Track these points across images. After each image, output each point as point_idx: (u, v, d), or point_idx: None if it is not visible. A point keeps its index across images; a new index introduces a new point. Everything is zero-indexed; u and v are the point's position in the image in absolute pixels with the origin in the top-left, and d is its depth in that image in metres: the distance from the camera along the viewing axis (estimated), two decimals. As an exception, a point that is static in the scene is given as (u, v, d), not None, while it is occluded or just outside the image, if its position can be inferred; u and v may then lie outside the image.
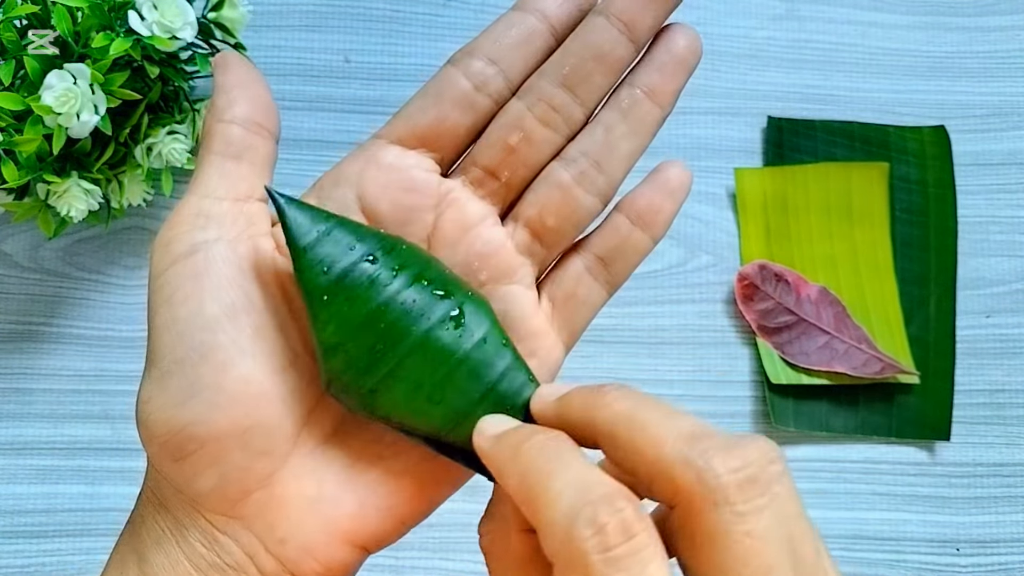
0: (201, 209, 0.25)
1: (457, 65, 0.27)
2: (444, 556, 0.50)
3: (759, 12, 0.57)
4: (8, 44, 0.43)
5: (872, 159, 0.55)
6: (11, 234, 0.52)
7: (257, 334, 0.24)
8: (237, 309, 0.24)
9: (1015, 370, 0.53)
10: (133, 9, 0.44)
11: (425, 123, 0.27)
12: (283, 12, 0.55)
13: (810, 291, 0.53)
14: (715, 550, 0.19)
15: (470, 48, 0.28)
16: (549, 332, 0.28)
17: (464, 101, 0.27)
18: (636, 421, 0.21)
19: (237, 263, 0.25)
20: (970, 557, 0.51)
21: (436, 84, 0.28)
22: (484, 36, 0.28)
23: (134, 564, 0.25)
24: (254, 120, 0.28)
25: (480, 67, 0.27)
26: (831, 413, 0.52)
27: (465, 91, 0.27)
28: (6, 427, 0.50)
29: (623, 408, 0.21)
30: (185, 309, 0.24)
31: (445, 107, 0.27)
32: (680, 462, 0.20)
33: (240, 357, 0.24)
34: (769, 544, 0.19)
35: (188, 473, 0.24)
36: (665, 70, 0.29)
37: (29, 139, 0.42)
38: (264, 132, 0.28)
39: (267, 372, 0.24)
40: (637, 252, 0.30)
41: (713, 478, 0.19)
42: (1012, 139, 0.56)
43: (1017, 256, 0.54)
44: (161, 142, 0.48)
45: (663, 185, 0.29)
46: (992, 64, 0.57)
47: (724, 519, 0.19)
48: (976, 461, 0.52)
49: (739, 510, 0.19)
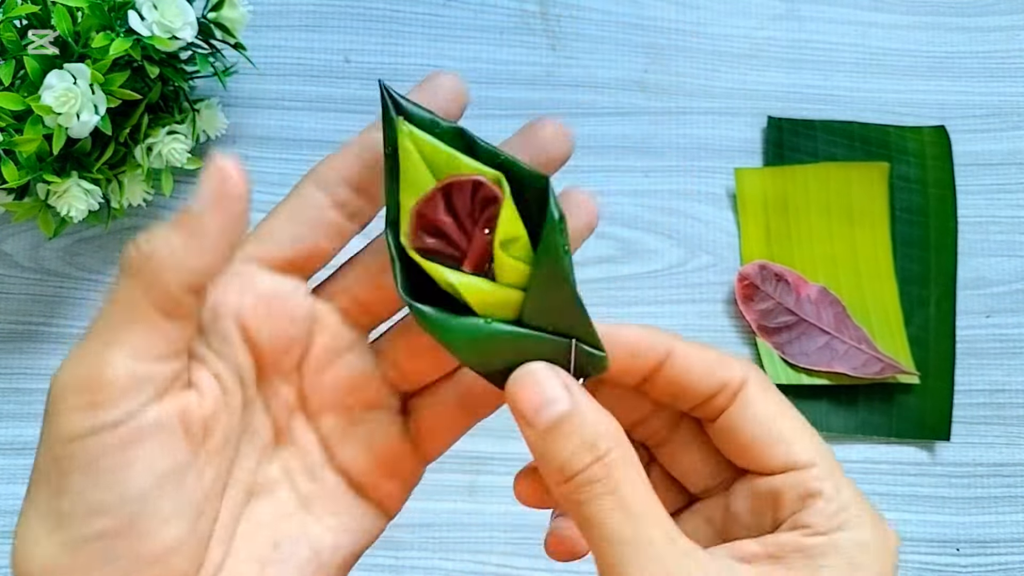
0: (135, 374, 0.22)
1: (318, 185, 0.26)
2: (444, 556, 0.50)
3: (759, 12, 0.57)
4: (8, 44, 0.43)
5: (872, 159, 0.55)
6: (11, 234, 0.52)
7: (178, 493, 0.23)
8: (164, 476, 0.23)
9: (1015, 370, 0.53)
10: (133, 9, 0.44)
11: (296, 248, 0.26)
12: (283, 12, 0.55)
13: (810, 291, 0.53)
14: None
15: (328, 166, 0.26)
16: (413, 457, 0.28)
17: (332, 229, 0.26)
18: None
19: (166, 426, 0.23)
20: (970, 557, 0.51)
21: (302, 205, 0.26)
22: (341, 156, 0.27)
23: None
24: (209, 283, 0.23)
25: (345, 195, 0.26)
26: (831, 413, 0.52)
27: (332, 219, 0.26)
28: (6, 427, 0.50)
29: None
30: (110, 480, 0.22)
31: (315, 234, 0.26)
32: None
33: (163, 524, 0.23)
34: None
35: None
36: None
37: (29, 139, 0.42)
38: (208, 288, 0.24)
39: (184, 530, 0.23)
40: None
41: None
42: (1012, 139, 0.56)
43: (1017, 256, 0.54)
44: (161, 142, 0.48)
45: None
46: (992, 64, 0.57)
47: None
48: (976, 461, 0.52)
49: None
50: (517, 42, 0.56)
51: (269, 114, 0.54)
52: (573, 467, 0.24)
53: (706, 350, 0.27)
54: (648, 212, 0.54)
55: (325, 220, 0.26)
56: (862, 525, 0.25)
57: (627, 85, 0.56)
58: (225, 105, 0.53)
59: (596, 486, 0.23)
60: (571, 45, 0.56)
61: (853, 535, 0.25)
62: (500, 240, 0.24)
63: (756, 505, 0.26)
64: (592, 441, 0.24)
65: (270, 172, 0.54)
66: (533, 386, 0.24)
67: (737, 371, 0.27)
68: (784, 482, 0.26)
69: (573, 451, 0.24)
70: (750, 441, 0.26)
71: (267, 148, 0.54)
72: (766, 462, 0.26)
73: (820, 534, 0.25)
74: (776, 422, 0.26)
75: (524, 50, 0.56)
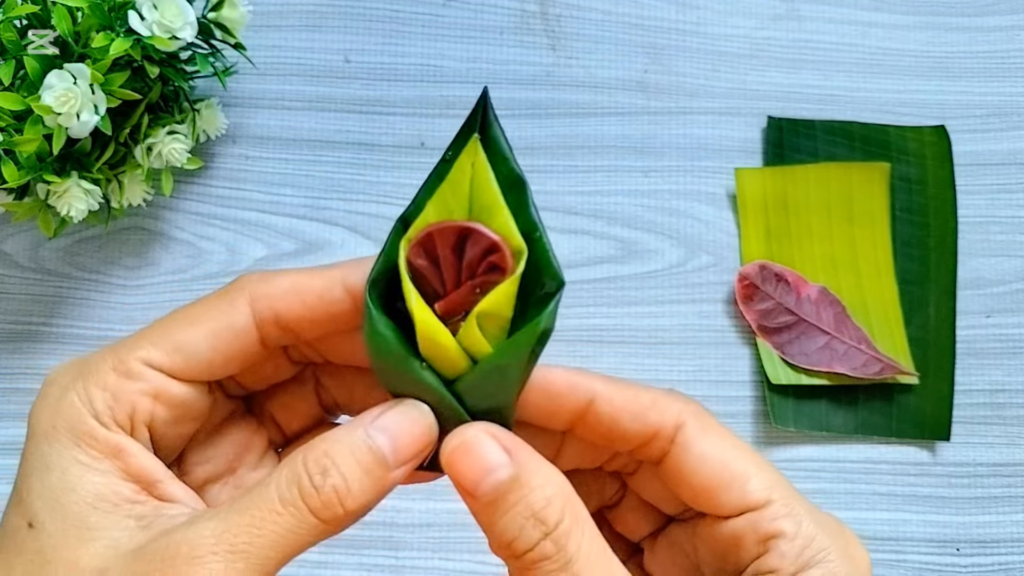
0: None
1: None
2: (444, 556, 0.50)
3: (759, 12, 0.57)
4: (8, 44, 0.43)
5: (872, 159, 0.55)
6: (11, 234, 0.52)
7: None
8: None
9: (1015, 370, 0.53)
10: (133, 9, 0.44)
11: (196, 363, 0.25)
12: (283, 12, 0.55)
13: (810, 291, 0.53)
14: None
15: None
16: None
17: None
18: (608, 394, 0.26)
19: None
20: (970, 557, 0.51)
21: (208, 313, 0.25)
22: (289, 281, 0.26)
23: None
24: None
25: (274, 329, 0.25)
26: (831, 413, 0.52)
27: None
28: (6, 427, 0.50)
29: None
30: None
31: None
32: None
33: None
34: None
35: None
36: None
37: (29, 139, 0.42)
38: None
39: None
40: None
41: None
42: (1012, 139, 0.56)
43: (1017, 256, 0.54)
44: (161, 142, 0.48)
45: None
46: (992, 64, 0.57)
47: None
48: (976, 461, 0.52)
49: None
50: (517, 42, 0.56)
51: (269, 114, 0.54)
52: (522, 545, 0.22)
53: (638, 393, 0.25)
54: (648, 212, 0.54)
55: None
56: (828, 559, 0.24)
57: (627, 85, 0.56)
58: (225, 105, 0.53)
59: (547, 564, 0.22)
60: (571, 45, 0.56)
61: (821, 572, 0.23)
62: (482, 310, 0.23)
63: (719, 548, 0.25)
64: (539, 512, 0.22)
65: (270, 172, 0.54)
66: (472, 455, 0.23)
67: (670, 414, 0.25)
68: (742, 525, 0.24)
69: (521, 526, 0.22)
70: (700, 486, 0.25)
71: (267, 148, 0.54)
72: (720, 506, 0.25)
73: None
74: (723, 462, 0.25)
75: (524, 50, 0.56)
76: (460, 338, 0.24)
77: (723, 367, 0.52)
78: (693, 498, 0.25)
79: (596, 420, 0.25)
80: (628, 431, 0.25)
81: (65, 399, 0.23)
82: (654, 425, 0.25)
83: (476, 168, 0.23)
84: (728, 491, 0.24)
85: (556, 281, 0.23)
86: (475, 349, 0.24)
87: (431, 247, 0.23)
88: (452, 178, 0.23)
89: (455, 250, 0.23)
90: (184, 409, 0.25)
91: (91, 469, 0.23)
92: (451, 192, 0.23)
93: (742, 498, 0.24)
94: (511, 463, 0.23)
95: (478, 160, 0.23)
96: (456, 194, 0.23)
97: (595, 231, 0.54)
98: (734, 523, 0.24)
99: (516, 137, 0.54)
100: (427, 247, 0.23)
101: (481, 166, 0.23)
